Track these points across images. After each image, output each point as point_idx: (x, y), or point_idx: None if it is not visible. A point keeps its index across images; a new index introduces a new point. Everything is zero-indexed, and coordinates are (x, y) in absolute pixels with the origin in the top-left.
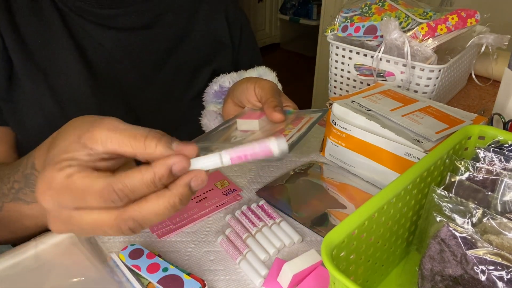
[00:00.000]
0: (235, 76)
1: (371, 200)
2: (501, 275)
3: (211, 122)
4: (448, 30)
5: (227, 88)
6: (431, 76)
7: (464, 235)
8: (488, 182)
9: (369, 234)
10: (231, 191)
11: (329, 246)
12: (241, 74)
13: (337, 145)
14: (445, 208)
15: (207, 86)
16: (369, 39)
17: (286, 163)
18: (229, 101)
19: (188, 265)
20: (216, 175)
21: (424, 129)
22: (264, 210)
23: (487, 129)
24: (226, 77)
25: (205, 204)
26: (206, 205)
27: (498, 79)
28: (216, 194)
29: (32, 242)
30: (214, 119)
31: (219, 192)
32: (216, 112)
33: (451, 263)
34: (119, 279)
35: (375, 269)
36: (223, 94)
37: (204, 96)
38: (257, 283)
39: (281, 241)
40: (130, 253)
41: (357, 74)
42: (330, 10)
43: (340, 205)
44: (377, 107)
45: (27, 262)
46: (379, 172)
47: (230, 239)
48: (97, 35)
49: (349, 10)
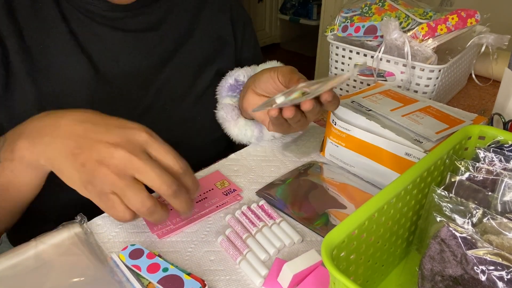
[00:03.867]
0: (249, 70)
1: (371, 200)
2: (501, 275)
3: (228, 114)
4: (448, 30)
5: (242, 82)
6: (431, 76)
7: (464, 235)
8: (488, 182)
9: (369, 234)
10: (231, 191)
11: (329, 246)
12: (254, 68)
13: (337, 145)
14: (445, 208)
15: (221, 80)
16: (369, 39)
17: (286, 163)
18: (250, 93)
19: (188, 265)
20: (216, 175)
21: (424, 129)
22: (264, 210)
23: (487, 129)
24: (240, 71)
25: (205, 204)
26: (206, 205)
27: (498, 79)
28: (216, 194)
29: (32, 242)
30: (231, 111)
31: (219, 192)
32: (232, 105)
33: (451, 263)
34: (119, 279)
35: (375, 269)
36: (237, 88)
37: (217, 90)
38: (257, 283)
39: (281, 241)
40: (130, 253)
41: (357, 74)
42: (330, 10)
43: (340, 205)
44: (377, 107)
45: (27, 262)
46: (379, 172)
47: (230, 239)
48: (105, 36)
49: (349, 10)
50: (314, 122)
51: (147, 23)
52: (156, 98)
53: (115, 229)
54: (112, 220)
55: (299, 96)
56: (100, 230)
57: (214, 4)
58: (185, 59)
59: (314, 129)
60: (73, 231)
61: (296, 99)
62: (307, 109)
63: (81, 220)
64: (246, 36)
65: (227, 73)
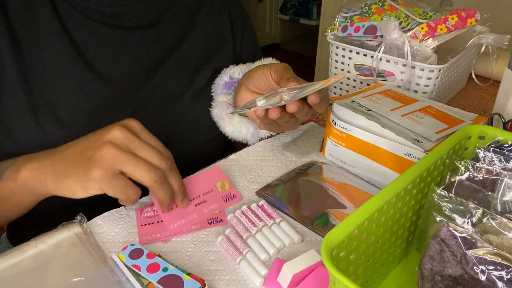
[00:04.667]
0: (244, 67)
1: (371, 200)
2: (501, 275)
3: (222, 112)
4: (448, 30)
5: (237, 79)
6: (431, 76)
7: (464, 235)
8: (488, 182)
9: (369, 234)
10: (231, 197)
11: (329, 246)
12: (250, 65)
13: (337, 145)
14: (445, 208)
15: (216, 77)
16: (369, 39)
17: (286, 163)
18: (243, 89)
19: (188, 265)
20: (216, 173)
21: (424, 129)
22: (264, 210)
23: (487, 129)
24: (235, 68)
25: (204, 210)
26: (205, 211)
27: (498, 79)
28: (216, 198)
29: (32, 242)
30: (226, 108)
31: (219, 196)
32: (227, 102)
33: (451, 263)
34: (119, 279)
35: (375, 269)
36: (232, 85)
37: (212, 87)
38: (257, 283)
39: (281, 241)
40: (130, 253)
41: (357, 74)
42: (330, 10)
43: (340, 205)
44: (377, 107)
45: (27, 262)
46: (379, 172)
47: (230, 239)
48: (101, 34)
49: (349, 10)
50: (314, 122)
51: (144, 21)
52: (152, 96)
53: (115, 229)
54: (112, 220)
55: (279, 100)
56: (100, 230)
57: (213, 2)
58: (183, 57)
59: (314, 129)
60: (73, 231)
61: (277, 102)
62: (292, 111)
63: (81, 220)
64: (245, 34)
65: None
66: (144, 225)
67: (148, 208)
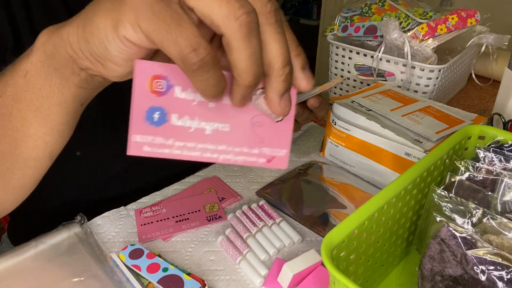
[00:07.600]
0: None
1: (371, 200)
2: (501, 275)
3: None
4: (448, 30)
5: None
6: (431, 76)
7: (464, 235)
8: (488, 182)
9: (369, 234)
10: (216, 217)
11: (329, 246)
12: None
13: (337, 145)
14: (445, 208)
15: None
16: (369, 39)
17: None
18: None
19: (188, 265)
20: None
21: (424, 129)
22: (264, 210)
23: (487, 129)
24: None
25: (182, 226)
26: (183, 227)
27: (498, 79)
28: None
29: (32, 242)
30: None
31: (204, 216)
32: None
33: (451, 263)
34: (119, 279)
35: (375, 269)
36: None
37: None
38: (257, 283)
39: (281, 241)
40: (130, 253)
41: (357, 74)
42: (330, 10)
43: (340, 205)
44: (377, 107)
45: (27, 262)
46: (379, 172)
47: (230, 239)
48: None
49: (349, 10)
50: (314, 122)
51: None
52: None
53: (115, 229)
54: (112, 220)
55: None
56: (100, 230)
57: None
58: None
59: (314, 129)
60: (73, 231)
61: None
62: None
63: (81, 220)
64: None
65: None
66: (143, 224)
67: (147, 209)
